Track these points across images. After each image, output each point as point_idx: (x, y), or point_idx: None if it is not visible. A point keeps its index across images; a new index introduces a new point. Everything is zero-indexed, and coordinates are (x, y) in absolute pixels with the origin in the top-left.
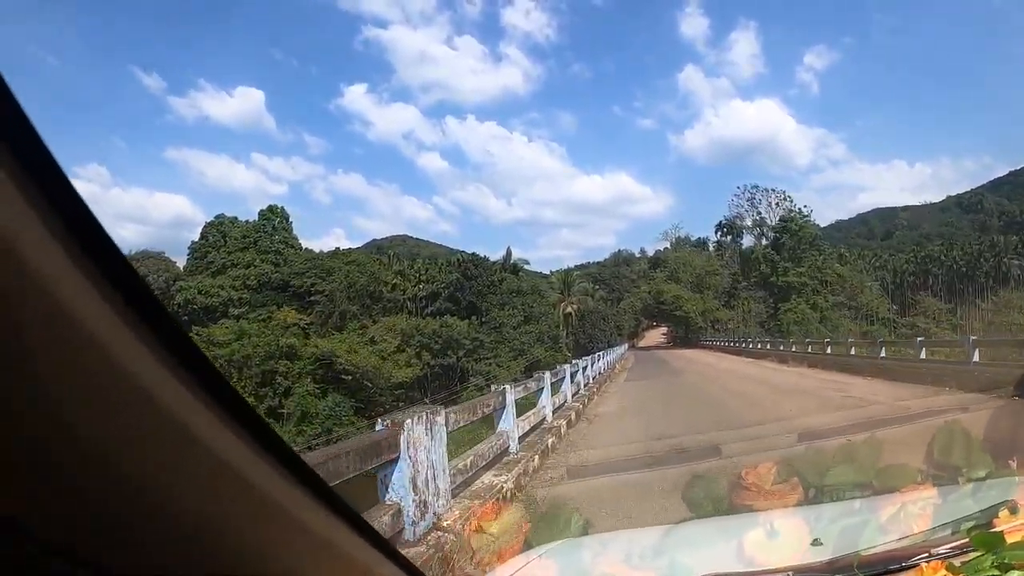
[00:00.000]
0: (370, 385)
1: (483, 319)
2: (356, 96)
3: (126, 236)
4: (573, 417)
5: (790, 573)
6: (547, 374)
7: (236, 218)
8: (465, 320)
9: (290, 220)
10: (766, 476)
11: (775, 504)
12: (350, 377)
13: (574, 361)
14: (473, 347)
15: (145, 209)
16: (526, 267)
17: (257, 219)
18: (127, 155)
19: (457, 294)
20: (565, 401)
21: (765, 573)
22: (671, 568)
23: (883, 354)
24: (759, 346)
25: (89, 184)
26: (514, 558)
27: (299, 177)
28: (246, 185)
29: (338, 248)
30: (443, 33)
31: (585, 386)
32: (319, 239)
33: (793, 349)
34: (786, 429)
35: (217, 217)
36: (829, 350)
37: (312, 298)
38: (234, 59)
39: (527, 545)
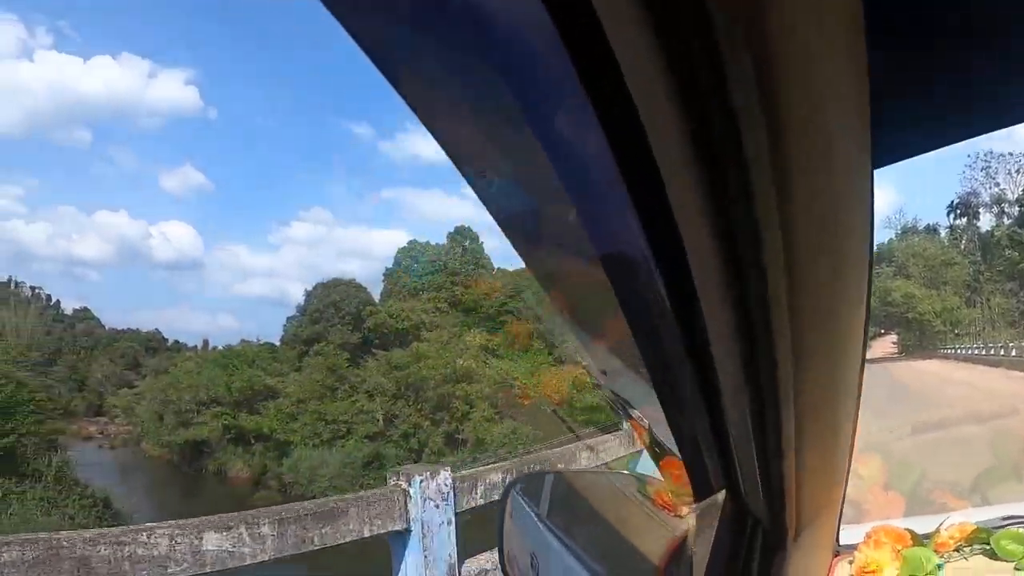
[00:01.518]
0: (547, 410)
1: None
2: None
3: (351, 269)
4: None
5: None
6: None
7: (428, 242)
8: None
9: (480, 241)
10: None
11: None
12: (527, 402)
13: None
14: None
15: (366, 244)
16: None
17: (447, 241)
18: (347, 198)
19: None
20: None
21: None
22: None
23: None
24: None
25: (316, 225)
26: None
27: None
28: (463, 215)
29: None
30: None
31: None
32: None
33: None
34: None
35: (409, 243)
36: None
37: (502, 318)
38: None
39: (886, 486)
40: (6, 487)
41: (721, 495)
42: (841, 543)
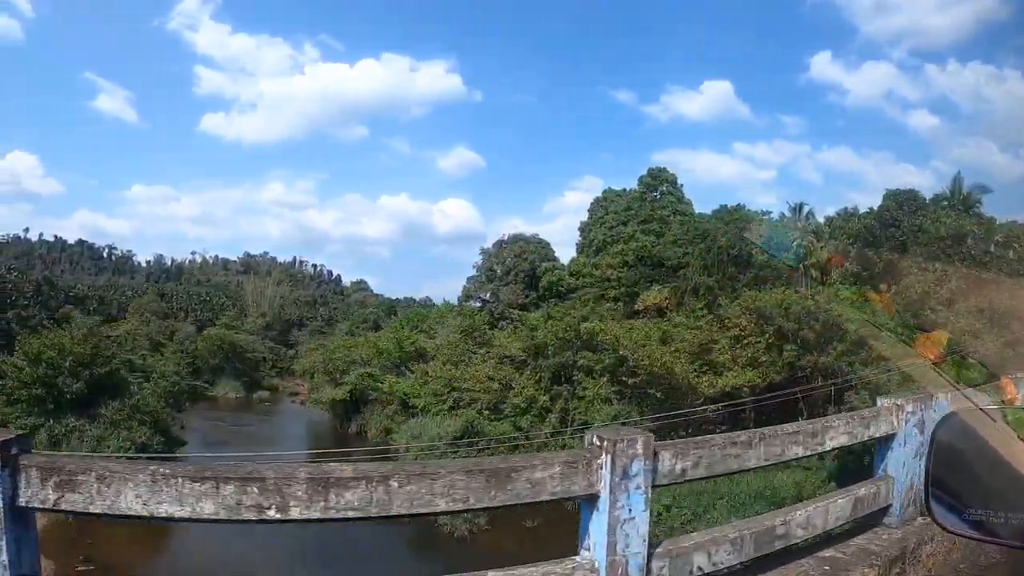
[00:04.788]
0: (656, 394)
1: (895, 287)
2: (822, 65)
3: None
4: None
5: None
6: None
7: (627, 190)
8: (864, 288)
9: (680, 184)
10: None
11: None
12: (633, 380)
13: None
14: (859, 338)
15: None
16: (987, 196)
17: (638, 186)
18: (616, 164)
19: (867, 251)
20: None
21: None
22: None
23: None
24: None
25: (585, 193)
26: None
27: (784, 159)
28: (734, 175)
29: (723, 206)
30: None
31: None
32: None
33: None
34: None
35: (604, 191)
36: None
37: (682, 271)
38: (693, 56)
39: None
40: (74, 425)
41: None
42: None
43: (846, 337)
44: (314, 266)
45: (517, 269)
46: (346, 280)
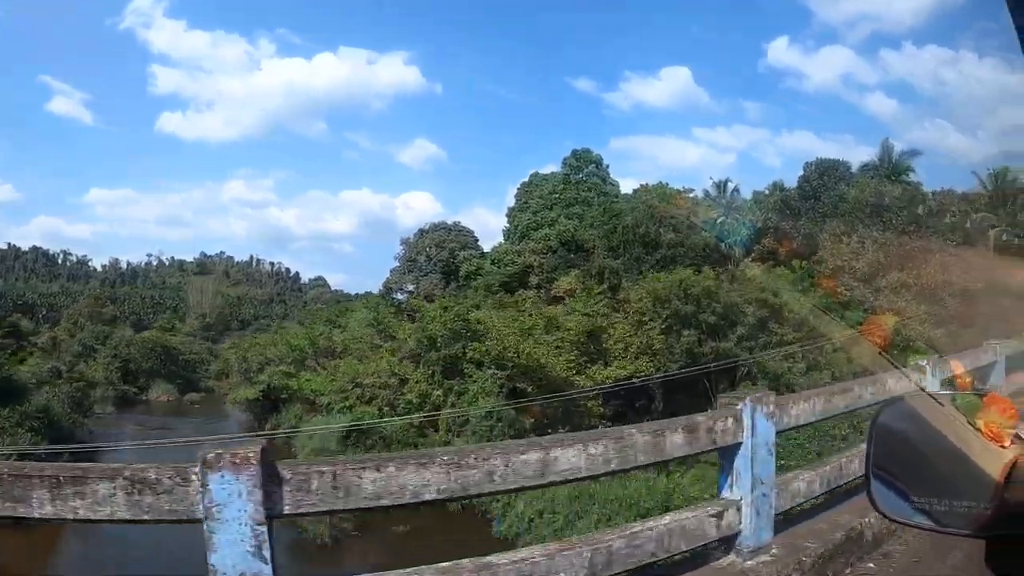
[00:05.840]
0: (527, 388)
1: (805, 263)
2: (780, 51)
3: None
4: None
5: None
6: None
7: (554, 173)
8: (779, 267)
9: (604, 164)
10: None
11: None
12: (504, 374)
13: None
14: (759, 320)
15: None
16: (917, 161)
17: (562, 168)
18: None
19: (783, 226)
20: None
21: None
22: None
23: None
24: None
25: None
26: None
27: (745, 144)
28: (696, 160)
29: (644, 184)
30: None
31: None
32: None
33: None
34: None
35: (531, 175)
36: None
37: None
38: (651, 43)
39: None
40: None
41: None
42: None
43: (746, 320)
44: (272, 264)
45: (437, 259)
46: (310, 277)
